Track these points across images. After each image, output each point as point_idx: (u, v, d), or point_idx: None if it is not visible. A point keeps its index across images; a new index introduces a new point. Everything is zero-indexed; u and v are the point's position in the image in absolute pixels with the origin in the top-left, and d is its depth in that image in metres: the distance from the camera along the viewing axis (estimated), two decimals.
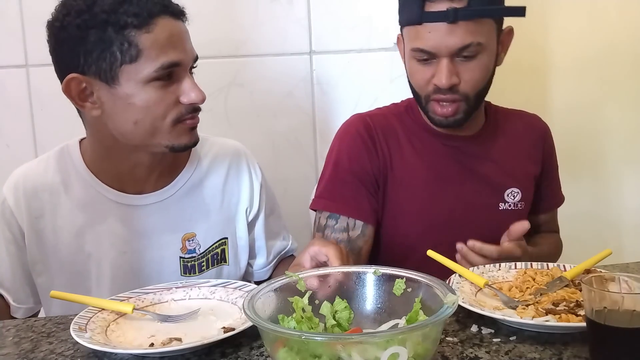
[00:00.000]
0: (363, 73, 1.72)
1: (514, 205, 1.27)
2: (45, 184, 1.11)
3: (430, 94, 1.17)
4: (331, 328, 0.75)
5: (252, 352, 0.82)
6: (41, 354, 0.85)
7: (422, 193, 1.24)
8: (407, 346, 0.61)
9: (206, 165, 1.19)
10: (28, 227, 1.11)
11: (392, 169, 1.24)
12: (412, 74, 1.20)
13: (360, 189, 1.23)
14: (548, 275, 0.99)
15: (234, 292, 1.00)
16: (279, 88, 1.71)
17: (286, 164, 1.37)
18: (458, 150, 1.26)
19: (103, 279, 1.11)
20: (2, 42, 1.66)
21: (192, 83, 1.03)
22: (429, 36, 1.11)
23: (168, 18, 1.00)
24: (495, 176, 1.26)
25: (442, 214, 1.24)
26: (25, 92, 1.68)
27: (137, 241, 1.12)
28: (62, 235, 1.11)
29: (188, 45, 1.04)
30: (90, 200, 1.11)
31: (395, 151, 1.25)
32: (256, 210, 1.22)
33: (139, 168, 1.10)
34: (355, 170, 1.23)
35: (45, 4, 1.62)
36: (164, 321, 0.92)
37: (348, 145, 1.26)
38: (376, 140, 1.25)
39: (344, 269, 0.81)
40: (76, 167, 1.12)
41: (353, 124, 1.28)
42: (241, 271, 1.22)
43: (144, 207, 1.12)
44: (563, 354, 0.77)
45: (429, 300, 0.72)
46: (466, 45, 1.10)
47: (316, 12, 1.69)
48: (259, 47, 1.68)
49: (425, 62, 1.14)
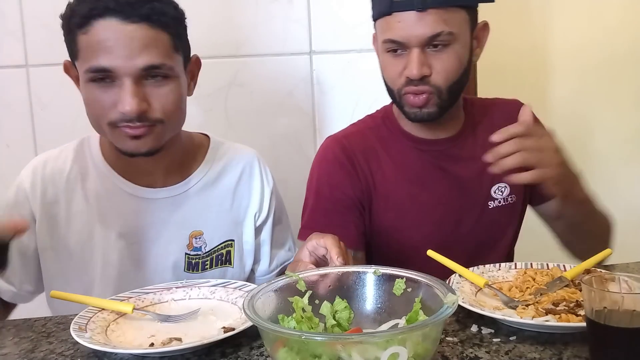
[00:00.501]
0: (363, 73, 1.71)
1: (504, 200, 1.25)
2: (63, 172, 1.14)
3: (402, 87, 1.14)
4: (331, 328, 0.75)
5: (252, 352, 0.82)
6: (41, 354, 0.86)
7: (409, 207, 1.22)
8: (407, 346, 0.61)
9: (220, 168, 1.20)
10: (41, 212, 1.12)
11: (375, 188, 1.22)
12: (384, 68, 1.17)
13: (345, 215, 1.21)
14: (548, 275, 0.99)
15: (234, 292, 1.01)
16: (279, 88, 1.71)
17: (286, 164, 1.37)
18: (440, 154, 1.24)
19: (108, 268, 1.13)
20: (2, 42, 1.66)
21: (128, 92, 0.97)
22: (398, 26, 1.09)
23: (113, 21, 0.96)
24: (480, 176, 1.23)
25: (432, 224, 1.22)
26: (25, 92, 1.68)
27: (146, 233, 1.14)
28: (74, 222, 1.13)
29: (130, 51, 0.97)
30: (105, 191, 1.13)
31: (376, 170, 1.23)
32: (265, 216, 1.24)
33: (141, 161, 1.10)
34: (337, 198, 1.21)
35: (45, 4, 1.64)
36: (164, 321, 0.93)
37: (327, 171, 1.24)
38: (355, 162, 1.22)
39: (344, 269, 0.81)
40: (94, 158, 1.15)
41: (330, 148, 1.25)
42: (245, 275, 1.23)
43: (156, 200, 1.14)
44: (563, 354, 0.77)
45: (429, 300, 0.72)
46: (436, 34, 1.08)
47: (316, 12, 1.69)
48: (259, 47, 1.68)
49: (396, 54, 1.13)
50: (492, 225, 1.25)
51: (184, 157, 1.18)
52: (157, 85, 1.01)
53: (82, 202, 1.13)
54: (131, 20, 0.97)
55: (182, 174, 1.17)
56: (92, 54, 0.98)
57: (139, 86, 0.99)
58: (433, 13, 1.07)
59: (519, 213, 1.29)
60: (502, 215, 1.26)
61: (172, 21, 1.02)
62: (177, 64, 1.04)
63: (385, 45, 1.14)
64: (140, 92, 0.99)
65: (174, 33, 1.03)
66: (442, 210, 1.23)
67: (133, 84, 0.98)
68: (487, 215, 1.24)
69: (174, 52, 1.03)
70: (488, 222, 1.24)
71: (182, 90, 1.06)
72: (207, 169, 1.19)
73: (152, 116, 1.01)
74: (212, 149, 1.21)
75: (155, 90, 1.01)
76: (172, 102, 1.03)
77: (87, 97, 1.03)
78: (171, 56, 1.02)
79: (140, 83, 1.00)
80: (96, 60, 0.98)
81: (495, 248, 1.26)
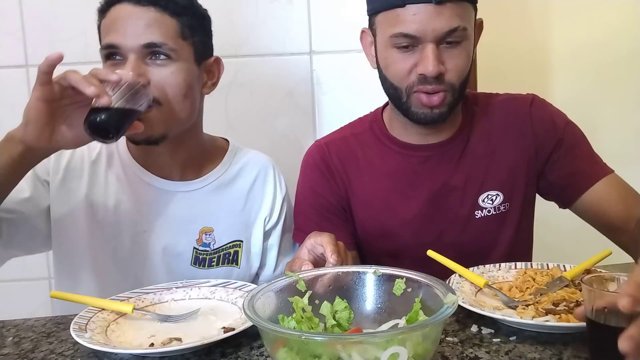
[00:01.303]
0: (363, 73, 1.71)
1: (495, 209, 1.18)
2: (93, 151, 1.17)
3: (412, 85, 1.08)
4: (331, 328, 0.75)
5: (252, 352, 0.82)
6: (41, 354, 0.86)
7: (388, 216, 1.19)
8: (407, 346, 0.61)
9: (236, 170, 1.24)
10: (60, 182, 1.13)
11: (353, 195, 1.21)
12: (390, 65, 1.10)
13: (332, 219, 1.21)
14: (548, 275, 0.99)
15: (234, 292, 1.01)
16: (279, 88, 1.71)
17: (286, 164, 1.38)
18: (426, 160, 1.18)
19: (119, 251, 1.15)
20: (2, 42, 1.66)
21: (129, 66, 1.02)
22: (413, 18, 1.03)
23: (126, 4, 1.05)
24: (467, 184, 1.17)
25: (412, 234, 1.18)
26: (25, 92, 1.68)
27: (158, 223, 1.16)
28: (93, 201, 1.15)
29: (134, 29, 1.03)
30: (125, 177, 1.16)
31: (354, 176, 1.21)
32: (274, 221, 1.26)
33: (154, 154, 1.15)
34: (320, 203, 1.22)
35: (45, 4, 1.64)
36: (164, 321, 0.93)
37: (309, 178, 1.25)
38: (333, 168, 1.22)
39: (344, 269, 0.81)
40: (118, 145, 1.18)
41: (311, 155, 1.26)
42: (251, 277, 1.25)
43: (172, 193, 1.17)
44: (563, 354, 0.77)
45: (429, 300, 0.72)
46: (453, 29, 1.03)
47: (316, 12, 1.69)
48: (259, 47, 1.68)
49: (406, 49, 1.06)
50: (480, 235, 1.18)
51: (202, 156, 1.21)
52: (159, 64, 1.05)
53: (102, 184, 1.16)
54: (142, 4, 1.05)
55: (198, 171, 1.20)
56: (105, 33, 1.06)
57: (141, 63, 1.04)
58: (450, 7, 1.02)
59: (515, 222, 1.20)
60: (490, 224, 1.18)
61: (182, 10, 1.08)
62: (182, 50, 1.07)
63: (392, 40, 1.06)
64: (142, 68, 1.03)
65: (182, 21, 1.07)
66: (421, 221, 1.18)
67: (136, 60, 1.03)
68: (474, 226, 1.18)
69: (179, 38, 1.07)
70: (476, 232, 1.18)
71: (187, 77, 1.08)
72: (223, 170, 1.22)
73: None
74: (230, 152, 1.25)
75: (155, 69, 1.05)
76: (171, 84, 1.06)
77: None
78: (175, 40, 1.06)
79: (144, 61, 1.04)
80: (107, 37, 1.05)
81: (488, 258, 1.16)
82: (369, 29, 1.16)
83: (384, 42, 1.10)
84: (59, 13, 1.65)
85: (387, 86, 1.14)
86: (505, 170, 1.19)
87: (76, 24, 1.65)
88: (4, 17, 1.65)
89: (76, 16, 1.65)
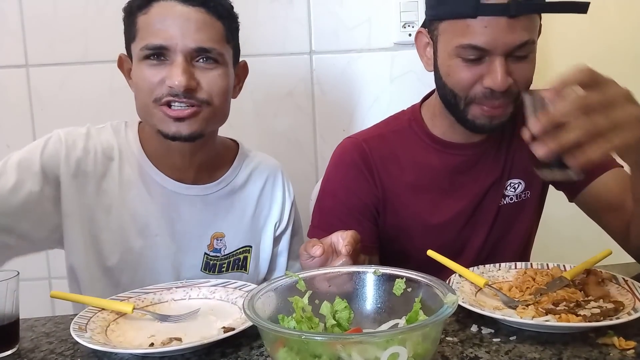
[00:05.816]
0: (363, 73, 1.72)
1: (517, 197, 1.20)
2: (106, 149, 1.13)
3: (475, 97, 1.06)
4: (331, 328, 0.75)
5: (252, 352, 0.82)
6: (41, 354, 0.86)
7: (423, 213, 1.18)
8: (407, 346, 0.61)
9: (246, 174, 1.23)
10: (72, 176, 1.08)
11: (391, 195, 1.18)
12: (453, 74, 1.06)
13: (360, 220, 1.18)
14: (548, 275, 0.99)
15: (234, 292, 1.01)
16: (279, 88, 1.71)
17: (286, 164, 1.38)
18: (470, 158, 1.18)
19: (127, 255, 1.12)
20: (2, 42, 1.66)
21: (178, 68, 1.00)
22: (484, 31, 0.99)
23: (171, 2, 1.02)
24: (496, 175, 1.19)
25: (444, 225, 1.19)
26: (25, 92, 1.68)
27: (171, 226, 1.14)
28: (103, 199, 1.11)
29: (185, 31, 1.01)
30: (137, 177, 1.13)
31: (395, 177, 1.18)
32: (284, 226, 1.26)
33: (172, 154, 1.12)
34: (353, 203, 1.18)
35: (45, 4, 1.64)
36: (164, 321, 0.93)
37: (344, 176, 1.20)
38: (373, 168, 1.18)
39: (344, 269, 0.81)
40: (130, 143, 1.15)
41: (348, 152, 1.20)
42: (259, 283, 1.23)
43: (186, 196, 1.15)
44: (563, 354, 0.77)
45: (429, 300, 0.72)
46: (523, 43, 1.00)
47: (316, 12, 1.69)
48: (259, 47, 1.68)
49: (473, 61, 1.03)
50: (503, 222, 1.19)
51: (215, 159, 1.20)
52: (207, 68, 1.04)
53: (112, 182, 1.12)
54: (189, 3, 1.02)
55: (211, 174, 1.19)
56: (149, 32, 1.02)
57: (189, 65, 1.02)
58: (522, 20, 0.99)
59: (532, 210, 1.23)
60: (513, 212, 1.20)
61: (227, 13, 1.07)
62: (227, 54, 1.08)
63: (459, 51, 1.03)
64: (190, 71, 1.02)
65: (226, 24, 1.07)
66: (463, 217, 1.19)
67: (184, 62, 1.01)
68: (499, 213, 1.20)
69: (225, 42, 1.07)
70: (499, 220, 1.19)
71: (230, 81, 1.09)
72: (235, 174, 1.21)
73: (200, 96, 1.04)
74: (241, 155, 1.24)
75: (204, 72, 1.04)
76: (219, 87, 1.06)
77: (138, 77, 1.05)
78: (223, 44, 1.06)
79: (191, 63, 1.03)
80: (152, 37, 1.02)
81: (505, 246, 1.21)
82: (427, 31, 1.13)
83: (447, 50, 1.06)
84: (59, 13, 1.65)
85: (446, 92, 1.11)
86: (526, 157, 1.18)
87: (76, 24, 1.65)
88: (4, 17, 1.65)
89: (76, 16, 1.65)
